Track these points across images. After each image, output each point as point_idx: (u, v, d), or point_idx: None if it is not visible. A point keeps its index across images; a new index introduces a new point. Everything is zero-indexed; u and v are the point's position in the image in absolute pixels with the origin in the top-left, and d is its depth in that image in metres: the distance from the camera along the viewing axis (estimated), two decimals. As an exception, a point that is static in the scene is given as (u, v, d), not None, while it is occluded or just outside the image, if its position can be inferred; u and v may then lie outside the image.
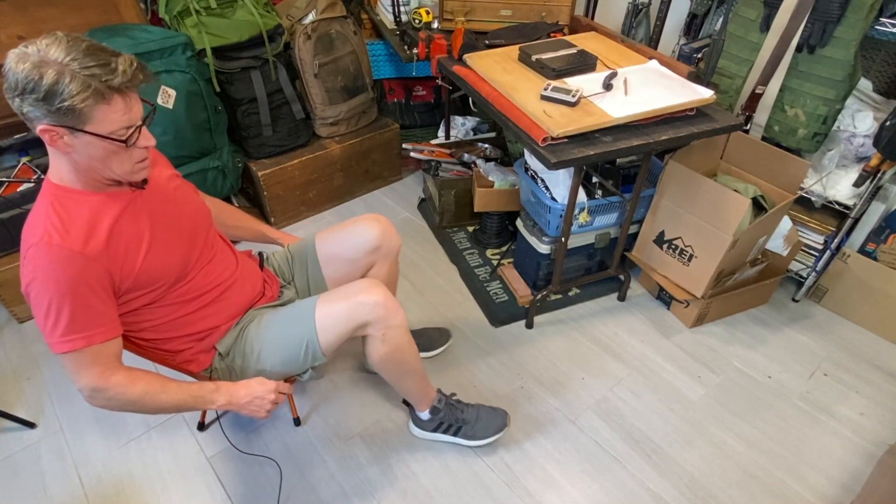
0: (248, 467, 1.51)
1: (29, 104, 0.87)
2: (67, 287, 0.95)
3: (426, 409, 1.49)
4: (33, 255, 0.95)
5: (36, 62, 0.85)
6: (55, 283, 0.94)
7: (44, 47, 0.86)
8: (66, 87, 0.86)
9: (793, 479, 1.50)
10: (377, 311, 1.21)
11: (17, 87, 0.86)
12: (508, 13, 2.00)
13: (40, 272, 0.95)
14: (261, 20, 2.04)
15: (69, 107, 0.87)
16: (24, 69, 0.85)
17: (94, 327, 1.00)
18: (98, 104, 0.89)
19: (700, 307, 1.86)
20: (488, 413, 1.54)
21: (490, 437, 1.52)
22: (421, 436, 1.56)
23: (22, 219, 1.75)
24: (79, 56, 0.87)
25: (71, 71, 0.86)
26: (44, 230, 0.96)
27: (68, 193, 1.00)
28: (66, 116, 0.88)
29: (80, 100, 0.87)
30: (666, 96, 1.50)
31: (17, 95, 0.87)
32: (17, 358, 1.81)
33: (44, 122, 0.89)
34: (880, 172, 1.68)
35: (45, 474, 1.50)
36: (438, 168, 2.29)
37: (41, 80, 0.85)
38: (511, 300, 2.00)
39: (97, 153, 0.95)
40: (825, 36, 1.60)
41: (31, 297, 0.96)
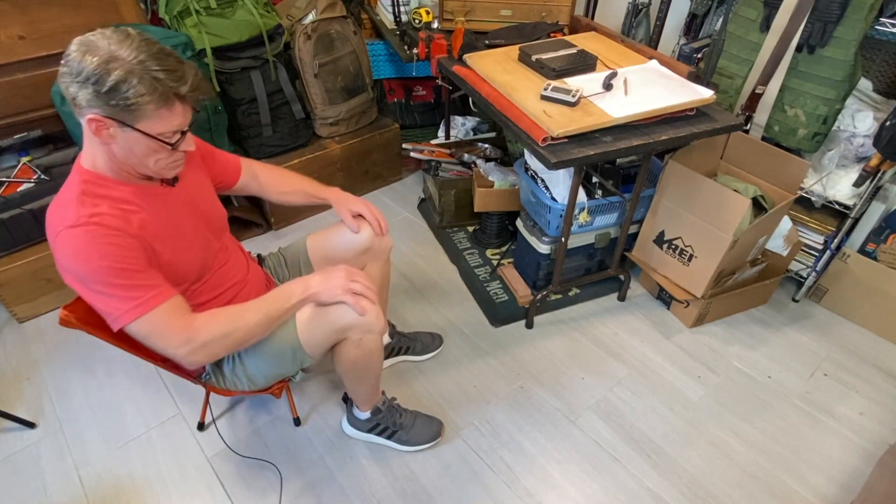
0: (248, 467, 1.51)
1: (87, 94, 0.88)
2: (116, 258, 0.95)
3: (368, 410, 1.48)
4: (71, 237, 0.93)
5: (106, 57, 0.87)
6: (102, 258, 0.94)
7: (115, 43, 0.88)
8: (132, 87, 0.88)
9: (793, 479, 1.50)
10: (361, 317, 1.16)
11: (79, 75, 0.87)
12: (508, 13, 2.00)
13: (83, 253, 0.93)
14: (261, 20, 2.04)
15: (130, 105, 0.89)
16: (93, 62, 0.86)
17: (156, 287, 0.99)
18: (158, 108, 0.92)
19: (700, 307, 1.86)
20: (424, 421, 1.54)
21: (422, 445, 1.52)
22: (353, 435, 1.55)
23: (22, 219, 1.78)
24: (150, 58, 0.89)
25: (140, 71, 0.88)
26: (77, 213, 0.94)
27: (100, 180, 1.00)
28: (122, 112, 0.90)
29: (144, 101, 0.89)
30: (666, 96, 1.50)
31: (77, 82, 0.88)
32: (17, 358, 1.81)
33: (95, 111, 0.90)
34: (880, 172, 1.68)
35: (45, 474, 1.50)
36: (438, 168, 2.29)
37: (108, 76, 0.86)
38: (511, 300, 2.00)
39: (139, 150, 0.96)
40: (825, 36, 1.60)
41: (76, 278, 0.95)
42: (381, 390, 1.49)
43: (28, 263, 1.83)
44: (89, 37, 0.89)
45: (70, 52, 0.89)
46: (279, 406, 1.66)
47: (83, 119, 0.92)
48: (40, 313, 1.95)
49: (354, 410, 1.51)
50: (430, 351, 1.81)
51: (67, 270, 0.96)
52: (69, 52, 0.89)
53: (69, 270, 0.95)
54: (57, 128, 1.88)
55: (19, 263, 1.82)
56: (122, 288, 0.96)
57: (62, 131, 1.86)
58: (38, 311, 1.95)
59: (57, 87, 1.73)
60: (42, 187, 1.82)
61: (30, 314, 1.93)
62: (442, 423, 1.56)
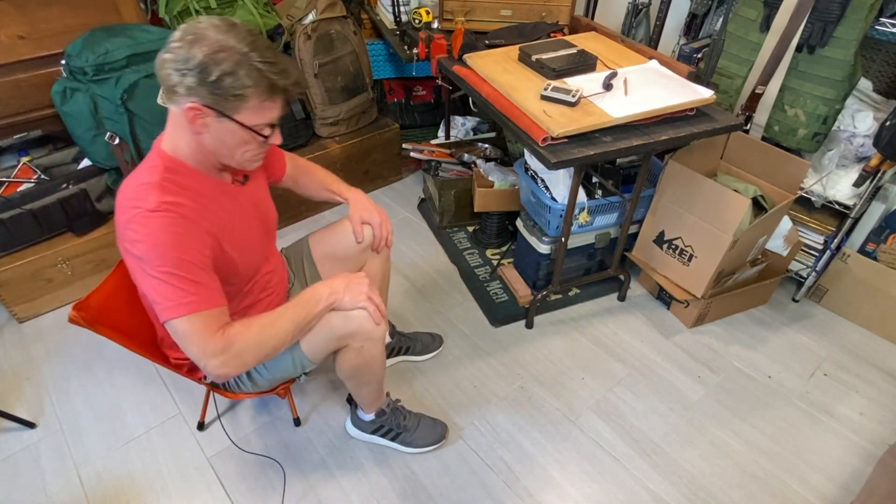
0: (249, 467, 1.51)
1: (191, 82, 0.88)
2: (186, 250, 0.96)
3: (372, 412, 1.47)
4: (148, 220, 0.93)
5: (215, 48, 0.88)
6: (174, 246, 0.94)
7: (222, 33, 0.89)
8: (238, 78, 0.89)
9: (793, 479, 1.50)
10: (362, 324, 1.15)
11: (185, 63, 0.88)
12: (508, 13, 2.00)
13: (156, 238, 0.93)
14: (261, 20, 2.04)
15: (234, 95, 0.90)
16: (201, 51, 0.87)
17: (211, 289, 1.00)
18: (261, 101, 0.93)
19: (700, 307, 1.86)
20: (428, 423, 1.54)
21: (426, 447, 1.52)
22: (357, 436, 1.55)
23: (22, 219, 1.78)
24: (255, 50, 0.90)
25: (246, 63, 0.89)
26: (158, 198, 0.95)
27: (182, 168, 1.00)
28: (224, 102, 0.91)
29: (248, 92, 0.91)
30: (666, 96, 1.50)
31: (181, 70, 0.88)
32: (17, 358, 1.81)
33: (194, 100, 0.91)
34: (880, 172, 1.68)
35: (45, 474, 1.50)
36: (438, 168, 2.29)
37: (216, 66, 0.87)
38: (511, 300, 2.00)
39: (231, 140, 0.98)
40: (825, 36, 1.60)
41: (137, 258, 0.95)
42: (386, 392, 1.49)
43: (28, 263, 1.83)
44: (196, 26, 0.90)
45: (174, 39, 0.90)
46: (279, 406, 1.66)
47: (179, 107, 0.93)
48: (40, 313, 1.95)
49: (359, 412, 1.51)
50: (430, 351, 1.81)
51: (132, 249, 0.95)
52: (173, 38, 0.90)
53: (134, 249, 0.95)
54: (57, 128, 1.88)
55: (19, 263, 1.82)
56: (181, 280, 0.95)
57: (62, 131, 1.86)
58: (38, 311, 1.95)
59: (57, 86, 1.73)
60: (42, 187, 1.82)
61: (30, 314, 1.93)
62: (446, 426, 1.55)
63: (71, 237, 1.92)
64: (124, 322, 1.22)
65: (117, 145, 1.78)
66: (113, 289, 1.21)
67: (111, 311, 1.18)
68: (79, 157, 1.98)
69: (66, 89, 1.72)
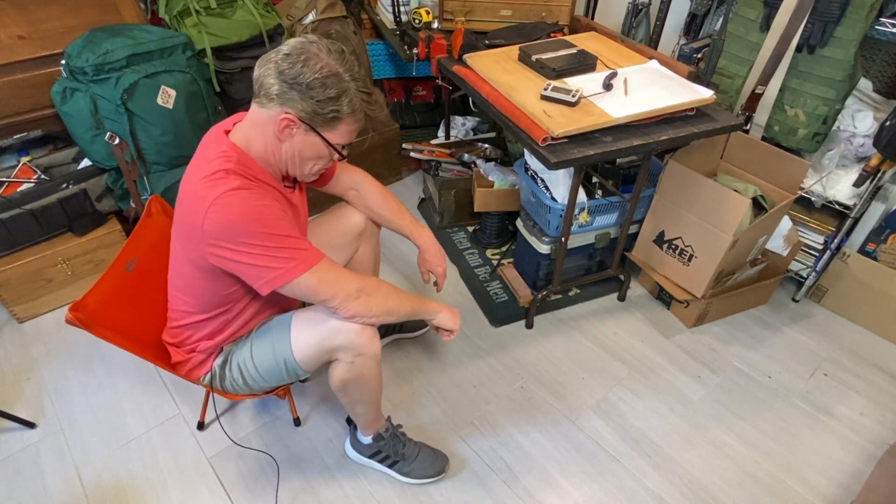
0: (248, 467, 1.51)
1: (295, 95, 0.97)
2: (280, 217, 1.02)
3: (370, 435, 1.44)
4: (237, 198, 0.97)
5: (332, 72, 0.97)
6: (272, 212, 1.01)
7: (334, 59, 0.98)
8: (343, 103, 0.99)
9: (793, 479, 1.50)
10: (353, 338, 1.15)
11: (294, 78, 0.95)
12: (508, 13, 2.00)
13: (252, 211, 0.98)
14: (261, 20, 2.04)
15: (333, 118, 1.00)
16: (315, 71, 0.95)
17: (312, 247, 1.06)
18: (350, 125, 1.04)
19: (700, 307, 1.86)
20: (429, 454, 1.47)
21: (423, 479, 1.46)
22: (355, 458, 1.51)
23: (22, 219, 1.78)
24: (360, 80, 1.01)
25: (353, 91, 1.00)
26: (238, 181, 0.99)
27: (250, 162, 1.05)
28: (320, 120, 1.00)
29: (345, 116, 1.01)
30: (666, 96, 1.50)
31: (287, 83, 0.96)
32: (17, 358, 1.81)
33: (291, 112, 0.98)
34: (880, 172, 1.68)
35: (45, 474, 1.50)
36: (438, 168, 2.29)
37: (324, 89, 0.97)
38: (511, 300, 2.00)
39: (309, 153, 1.06)
40: (825, 36, 1.60)
41: (235, 240, 0.98)
42: (387, 417, 1.46)
43: (28, 263, 1.83)
44: (308, 45, 0.98)
45: (286, 52, 0.97)
46: (279, 406, 1.66)
47: (269, 112, 0.99)
48: (40, 313, 1.95)
49: (358, 433, 1.48)
50: (421, 327, 1.86)
51: (227, 233, 0.98)
52: (284, 51, 0.97)
53: (230, 233, 0.98)
54: (57, 128, 1.88)
55: (19, 263, 1.82)
56: (291, 240, 1.02)
57: (62, 131, 1.86)
58: (38, 311, 1.95)
59: (57, 86, 1.73)
60: (42, 187, 1.82)
61: (30, 314, 1.93)
62: (447, 460, 1.48)
63: (71, 237, 1.92)
64: (123, 322, 1.22)
65: (117, 145, 1.77)
66: (110, 288, 1.21)
67: (109, 311, 1.18)
68: (79, 157, 1.98)
69: (66, 89, 1.72)
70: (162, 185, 1.92)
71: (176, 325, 1.25)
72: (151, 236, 1.37)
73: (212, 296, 1.16)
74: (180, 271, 1.16)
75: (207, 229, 0.98)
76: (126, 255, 1.27)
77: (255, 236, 0.98)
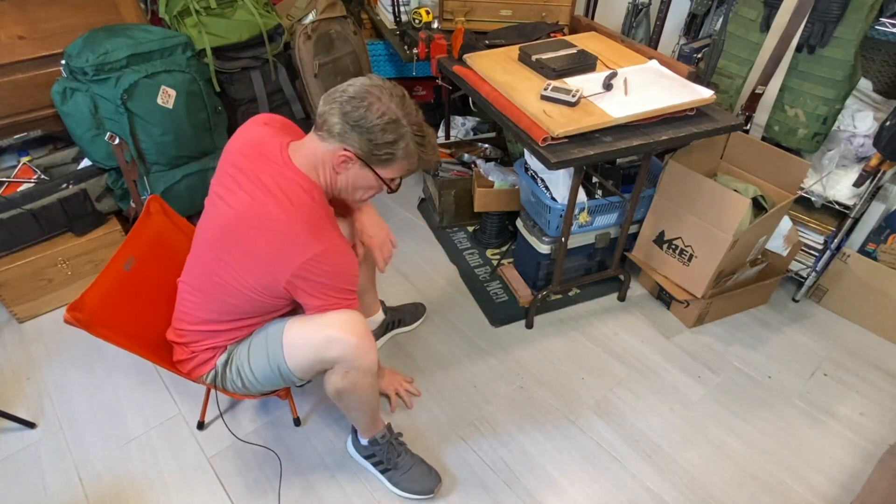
0: (248, 467, 1.51)
1: (355, 135, 1.04)
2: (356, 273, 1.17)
3: (367, 438, 1.44)
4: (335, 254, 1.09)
5: (392, 119, 1.04)
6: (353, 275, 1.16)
7: (396, 104, 1.05)
8: (399, 148, 1.07)
9: (793, 479, 1.50)
10: (347, 351, 1.14)
11: (356, 121, 1.03)
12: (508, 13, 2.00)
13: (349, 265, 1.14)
14: (261, 20, 2.04)
15: (388, 159, 1.08)
16: (376, 115, 1.03)
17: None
18: (403, 166, 1.11)
19: (700, 307, 1.86)
20: (422, 470, 1.44)
21: (410, 494, 1.43)
22: (354, 457, 1.51)
23: (22, 219, 1.78)
24: (415, 124, 1.08)
25: (409, 136, 1.07)
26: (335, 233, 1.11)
27: (322, 198, 1.12)
28: (375, 159, 1.08)
29: (399, 157, 1.08)
30: (666, 96, 1.50)
31: (349, 123, 1.04)
32: (17, 358, 1.81)
33: (349, 150, 1.06)
34: (880, 172, 1.68)
35: (45, 474, 1.50)
36: (438, 168, 2.29)
37: (385, 133, 1.04)
38: (511, 300, 2.00)
39: (362, 184, 1.13)
40: (825, 36, 1.60)
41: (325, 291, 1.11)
42: (387, 423, 1.45)
43: (28, 263, 1.83)
44: (372, 88, 1.04)
45: (350, 94, 1.04)
46: (279, 406, 1.66)
47: (329, 147, 1.07)
48: (40, 313, 1.95)
49: (358, 433, 1.48)
50: (417, 319, 1.90)
51: (318, 284, 1.09)
52: (349, 93, 1.04)
53: (329, 281, 1.10)
54: (57, 128, 1.88)
55: (19, 263, 1.82)
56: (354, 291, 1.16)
57: (62, 131, 1.86)
58: (38, 311, 1.95)
59: (57, 86, 1.73)
60: (42, 187, 1.82)
61: (30, 314, 1.93)
62: (440, 480, 1.44)
63: (71, 237, 1.92)
64: (121, 321, 1.21)
65: (117, 145, 1.78)
66: (108, 288, 1.20)
67: (107, 310, 1.18)
68: (79, 157, 1.98)
69: (66, 89, 1.72)
70: (162, 185, 1.92)
71: (187, 327, 1.24)
72: (150, 235, 1.37)
73: (244, 309, 1.18)
74: (220, 282, 1.14)
75: (300, 273, 1.06)
76: (124, 253, 1.27)
77: (347, 284, 1.13)
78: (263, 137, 1.14)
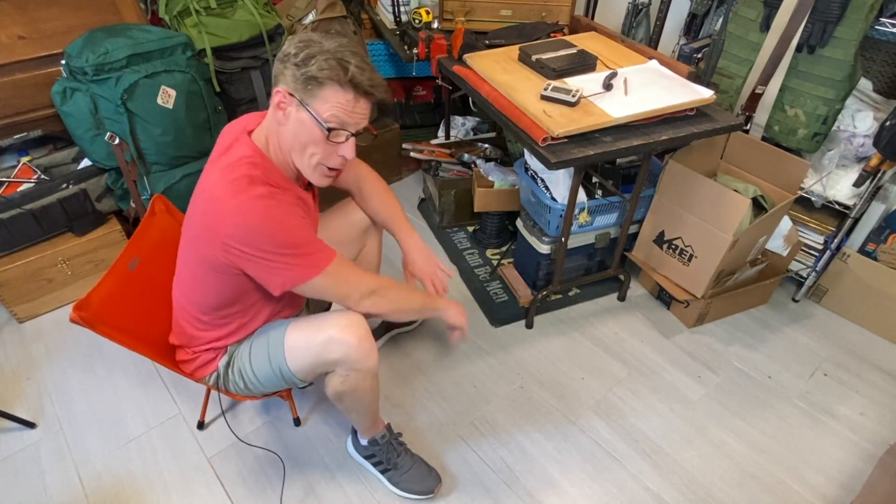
0: (248, 467, 1.51)
1: (283, 67, 1.00)
2: (296, 221, 1.05)
3: (367, 439, 1.44)
4: (257, 206, 1.00)
5: (307, 41, 1.00)
6: (292, 224, 1.03)
7: (324, 38, 1.02)
8: (318, 62, 0.98)
9: (793, 479, 1.50)
10: (348, 353, 1.14)
11: (282, 54, 1.01)
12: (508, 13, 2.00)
13: (275, 219, 1.01)
14: (261, 20, 2.04)
15: (312, 77, 0.98)
16: (296, 43, 1.00)
17: (326, 246, 1.09)
18: (335, 92, 1.00)
19: (700, 307, 1.86)
20: (422, 471, 1.44)
21: (410, 494, 1.43)
22: (354, 457, 1.51)
23: (22, 219, 1.78)
24: (346, 50, 1.00)
25: (330, 55, 0.98)
26: (264, 189, 1.02)
27: (268, 163, 1.08)
28: (301, 87, 0.99)
29: (324, 75, 0.98)
30: (666, 96, 1.50)
31: (281, 60, 1.01)
32: (17, 358, 1.81)
33: (282, 86, 1.01)
34: (880, 172, 1.68)
35: (45, 474, 1.50)
36: (438, 168, 2.29)
37: (302, 51, 0.99)
38: (511, 300, 2.00)
39: (304, 136, 1.03)
40: (825, 36, 1.60)
41: (253, 245, 1.01)
42: (387, 423, 1.45)
43: (28, 263, 1.83)
44: (312, 34, 1.04)
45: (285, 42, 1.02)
46: (279, 406, 1.66)
47: (274, 99, 1.03)
48: (40, 313, 1.95)
49: (358, 433, 1.48)
50: (416, 321, 1.89)
51: (246, 238, 1.00)
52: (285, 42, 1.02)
53: (249, 238, 1.00)
54: (57, 128, 1.88)
55: (19, 263, 1.82)
56: (308, 245, 1.06)
57: (62, 131, 1.86)
58: (38, 311, 1.95)
59: (57, 86, 1.73)
60: (42, 187, 1.82)
61: (30, 314, 1.93)
62: (440, 480, 1.44)
63: (71, 237, 1.92)
64: (126, 321, 1.22)
65: (117, 145, 1.77)
66: (114, 287, 1.21)
67: (112, 310, 1.18)
68: (79, 157, 1.98)
69: (66, 89, 1.72)
70: (162, 185, 1.92)
71: (184, 326, 1.24)
72: (154, 235, 1.37)
73: (223, 295, 1.16)
74: (192, 271, 1.16)
75: (227, 231, 1.00)
76: (129, 253, 1.27)
77: (274, 244, 1.01)
78: (241, 123, 1.14)
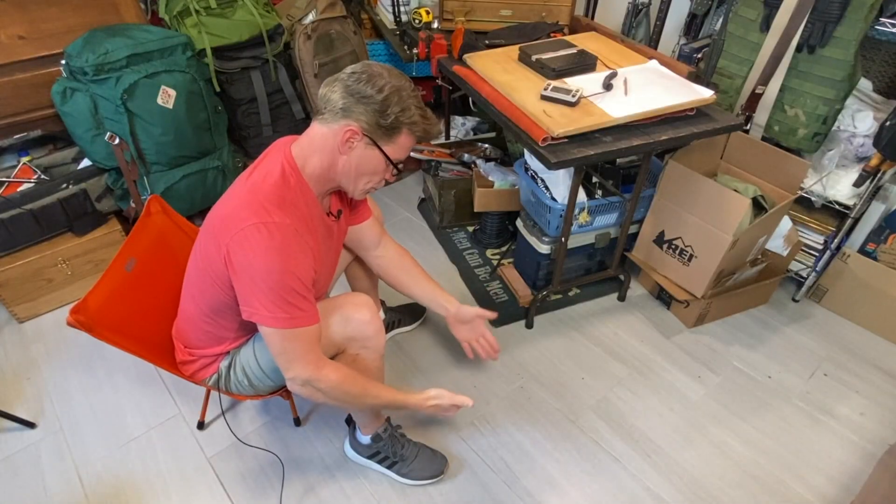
0: (248, 467, 1.51)
1: (361, 109, 1.02)
2: (296, 267, 1.03)
3: (368, 435, 1.44)
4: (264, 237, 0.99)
5: (395, 87, 1.03)
6: (287, 261, 1.01)
7: (395, 78, 1.04)
8: (405, 116, 1.04)
9: (793, 479, 1.50)
10: (362, 329, 1.18)
11: (361, 93, 1.02)
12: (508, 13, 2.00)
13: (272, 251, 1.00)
14: (261, 20, 2.04)
15: (393, 126, 1.04)
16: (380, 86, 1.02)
17: (311, 308, 1.07)
18: (408, 138, 1.08)
19: (700, 307, 1.86)
20: (427, 456, 1.47)
21: (422, 481, 1.45)
22: (354, 459, 1.50)
23: (22, 219, 1.78)
24: (417, 97, 1.07)
25: (413, 106, 1.05)
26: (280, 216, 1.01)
27: (303, 186, 1.08)
28: (381, 131, 1.04)
29: (404, 125, 1.05)
30: (666, 96, 1.50)
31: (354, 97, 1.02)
32: (17, 358, 1.81)
33: (355, 125, 1.03)
34: (880, 172, 1.68)
35: (45, 474, 1.50)
36: (438, 168, 2.29)
37: (390, 102, 1.03)
38: (511, 300, 2.00)
39: (366, 167, 1.09)
40: (825, 36, 1.60)
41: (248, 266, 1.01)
42: (386, 417, 1.46)
43: (28, 263, 1.83)
44: (372, 66, 1.05)
45: (349, 71, 1.04)
46: (279, 406, 1.66)
47: (331, 127, 1.04)
48: (40, 313, 1.95)
49: (357, 433, 1.47)
50: (417, 319, 1.90)
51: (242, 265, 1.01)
52: (347, 71, 1.05)
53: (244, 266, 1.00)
54: (57, 128, 1.88)
55: (19, 263, 1.82)
56: (293, 297, 1.03)
57: (62, 131, 1.86)
58: (38, 311, 1.95)
59: (57, 86, 1.73)
60: (42, 187, 1.82)
61: (30, 314, 1.93)
62: (446, 460, 1.48)
63: (71, 237, 1.92)
64: (124, 323, 1.21)
65: (117, 145, 1.78)
66: (111, 289, 1.20)
67: (110, 312, 1.18)
68: (79, 157, 1.98)
69: (66, 89, 1.72)
70: (162, 185, 1.92)
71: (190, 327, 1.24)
72: (150, 236, 1.37)
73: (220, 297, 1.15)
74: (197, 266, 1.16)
75: (230, 246, 1.01)
76: (125, 254, 1.27)
77: (268, 276, 1.00)
78: (291, 138, 1.14)
